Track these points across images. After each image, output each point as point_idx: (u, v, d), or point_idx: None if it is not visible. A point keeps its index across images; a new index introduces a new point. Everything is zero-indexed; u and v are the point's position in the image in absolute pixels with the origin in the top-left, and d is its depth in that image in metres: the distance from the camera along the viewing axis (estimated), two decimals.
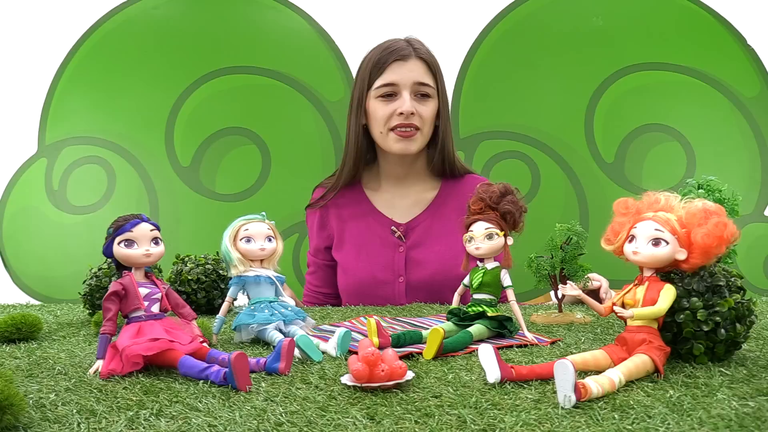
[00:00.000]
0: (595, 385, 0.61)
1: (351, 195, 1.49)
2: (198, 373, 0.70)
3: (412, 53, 1.38)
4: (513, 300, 0.91)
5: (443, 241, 1.43)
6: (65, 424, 0.54)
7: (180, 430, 0.52)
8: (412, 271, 1.41)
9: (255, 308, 0.94)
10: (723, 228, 0.72)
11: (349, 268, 1.45)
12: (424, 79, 1.38)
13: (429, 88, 1.39)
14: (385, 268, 1.42)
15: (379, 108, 1.38)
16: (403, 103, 1.36)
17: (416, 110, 1.37)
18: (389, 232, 1.45)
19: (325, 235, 1.50)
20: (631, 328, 0.73)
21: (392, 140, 1.39)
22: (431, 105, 1.40)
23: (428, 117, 1.39)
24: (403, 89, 1.37)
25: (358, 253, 1.45)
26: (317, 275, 1.53)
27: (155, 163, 2.23)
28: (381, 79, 1.38)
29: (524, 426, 0.52)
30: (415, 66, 1.38)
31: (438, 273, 1.39)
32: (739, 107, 2.14)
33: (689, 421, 0.53)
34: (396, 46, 1.39)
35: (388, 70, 1.37)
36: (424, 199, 1.48)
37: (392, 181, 1.49)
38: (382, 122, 1.39)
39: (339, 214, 1.49)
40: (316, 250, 1.53)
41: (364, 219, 1.47)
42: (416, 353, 0.81)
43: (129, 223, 0.80)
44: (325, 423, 0.54)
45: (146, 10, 2.26)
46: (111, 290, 0.77)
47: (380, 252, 1.43)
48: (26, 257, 2.22)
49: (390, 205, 1.48)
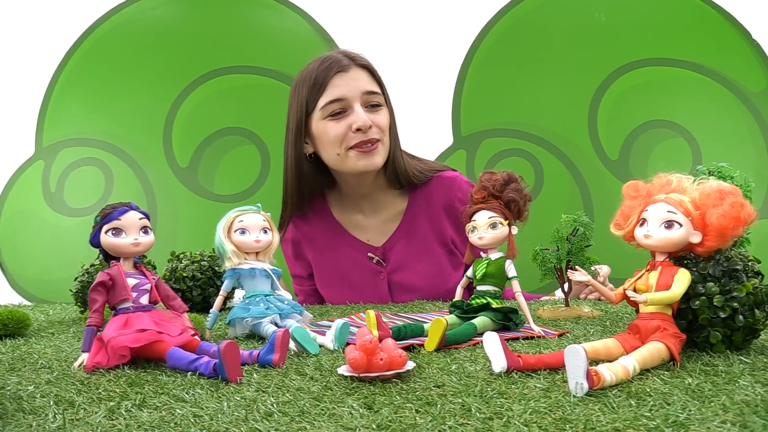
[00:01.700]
0: (608, 372, 0.57)
1: (320, 222, 1.38)
2: (187, 365, 0.66)
3: (351, 63, 1.26)
4: (518, 291, 0.87)
5: (424, 259, 1.34)
6: (40, 415, 0.50)
7: (163, 421, 0.48)
8: (399, 296, 1.33)
9: (250, 302, 0.90)
10: (740, 208, 0.68)
11: (335, 300, 1.36)
12: (371, 87, 1.27)
13: (378, 96, 1.28)
14: (370, 297, 1.33)
15: (330, 128, 1.24)
16: (358, 117, 1.23)
17: (372, 120, 1.24)
18: (366, 259, 1.35)
19: (303, 263, 1.41)
20: (644, 315, 0.69)
21: (353, 159, 1.26)
22: (384, 113, 1.28)
23: (385, 125, 1.28)
24: (353, 102, 1.24)
25: (341, 285, 1.36)
26: (307, 301, 1.43)
27: (153, 165, 2.20)
28: (325, 97, 1.24)
29: (534, 414, 0.49)
30: (358, 75, 1.26)
31: (426, 294, 1.30)
32: (744, 102, 2.10)
33: (712, 408, 0.49)
34: (332, 59, 1.26)
35: (331, 85, 1.24)
36: (395, 214, 1.37)
37: (358, 202, 1.37)
38: (337, 143, 1.25)
39: (312, 244, 1.39)
40: (299, 279, 1.44)
41: (339, 247, 1.37)
42: (418, 345, 0.78)
43: (117, 211, 0.76)
44: (318, 412, 0.50)
45: (144, 11, 2.24)
46: (97, 280, 0.74)
47: (362, 280, 1.35)
48: (23, 260, 2.19)
49: (361, 227, 1.38)
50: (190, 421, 0.48)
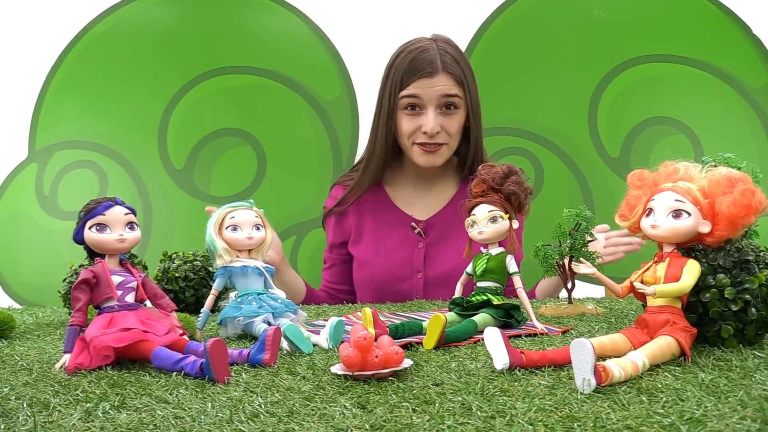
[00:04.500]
0: (616, 368, 0.54)
1: (370, 190, 1.45)
2: (172, 364, 0.63)
3: (439, 68, 1.31)
4: (520, 287, 0.84)
5: (464, 236, 1.37)
6: (11, 417, 0.47)
7: (141, 423, 0.45)
8: (431, 267, 1.38)
9: (242, 300, 0.87)
10: (751, 195, 0.65)
11: (366, 263, 1.41)
12: (450, 91, 1.32)
13: (456, 99, 1.32)
14: (403, 264, 1.38)
15: (403, 120, 1.34)
16: (428, 122, 1.30)
17: (442, 126, 1.32)
18: (409, 229, 1.40)
19: (342, 231, 1.46)
20: (653, 309, 0.66)
21: (417, 154, 1.35)
22: (457, 117, 1.34)
23: (454, 130, 1.34)
24: (428, 104, 1.31)
25: (376, 248, 1.41)
26: (333, 271, 1.49)
27: (148, 167, 2.16)
28: (406, 90, 1.32)
29: (539, 412, 0.45)
30: (441, 80, 1.31)
31: (457, 268, 1.32)
32: (746, 98, 2.08)
33: (729, 403, 0.45)
34: (424, 59, 1.31)
35: (414, 84, 1.31)
36: (445, 196, 1.44)
37: (414, 180, 1.45)
38: (405, 136, 1.35)
39: (357, 209, 1.44)
40: (331, 246, 1.49)
41: (383, 215, 1.43)
42: (416, 343, 0.74)
43: (101, 206, 0.73)
44: (308, 413, 0.47)
45: (137, 11, 2.22)
46: (81, 278, 0.71)
47: (399, 248, 1.40)
48: (16, 265, 2.15)
49: (410, 202, 1.44)
50: (170, 423, 0.45)
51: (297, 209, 2.02)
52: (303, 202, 1.99)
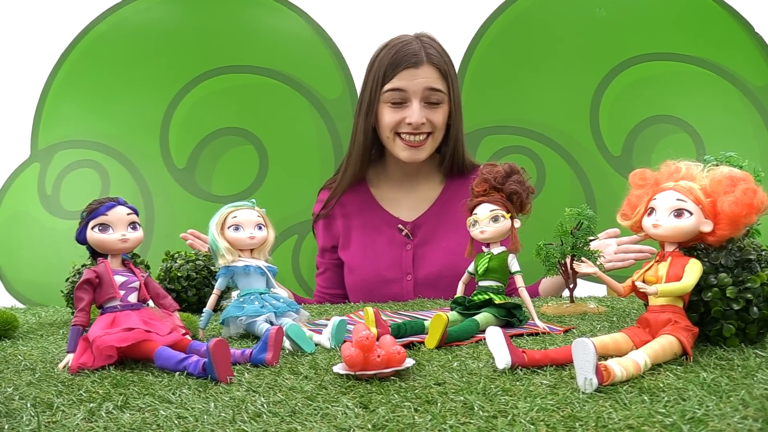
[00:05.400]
0: (618, 367, 0.54)
1: (355, 193, 1.44)
2: (175, 364, 0.63)
3: (424, 59, 1.31)
4: (522, 286, 0.84)
5: (451, 236, 1.39)
6: (14, 417, 0.47)
7: (144, 423, 0.45)
8: (420, 268, 1.37)
9: (244, 300, 0.87)
10: (752, 195, 0.65)
11: (356, 267, 1.41)
12: (435, 84, 1.32)
13: (440, 94, 1.33)
14: (392, 266, 1.38)
15: (387, 113, 1.33)
16: (413, 114, 1.30)
17: (427, 118, 1.32)
18: (396, 231, 1.40)
19: (331, 235, 1.46)
20: (654, 308, 0.66)
21: (399, 147, 1.35)
22: (442, 110, 1.34)
23: (439, 123, 1.34)
24: (413, 97, 1.31)
25: (364, 252, 1.41)
26: (326, 276, 1.49)
27: (150, 166, 2.17)
28: (390, 84, 1.31)
29: (541, 411, 0.46)
30: (426, 72, 1.31)
31: (446, 268, 1.34)
32: (748, 96, 2.07)
33: (731, 403, 0.46)
34: (408, 51, 1.31)
35: (397, 77, 1.31)
36: (430, 196, 1.44)
37: (398, 179, 1.45)
38: (388, 128, 1.34)
39: (344, 212, 1.45)
40: (322, 251, 1.49)
41: (370, 217, 1.43)
42: (418, 342, 0.75)
43: (104, 206, 0.74)
44: (310, 412, 0.47)
45: (139, 11, 2.22)
46: (83, 278, 0.71)
47: (387, 250, 1.40)
48: (19, 264, 2.16)
49: (395, 203, 1.44)
50: (173, 423, 0.45)
51: (299, 208, 2.02)
52: (305, 201, 1.98)
